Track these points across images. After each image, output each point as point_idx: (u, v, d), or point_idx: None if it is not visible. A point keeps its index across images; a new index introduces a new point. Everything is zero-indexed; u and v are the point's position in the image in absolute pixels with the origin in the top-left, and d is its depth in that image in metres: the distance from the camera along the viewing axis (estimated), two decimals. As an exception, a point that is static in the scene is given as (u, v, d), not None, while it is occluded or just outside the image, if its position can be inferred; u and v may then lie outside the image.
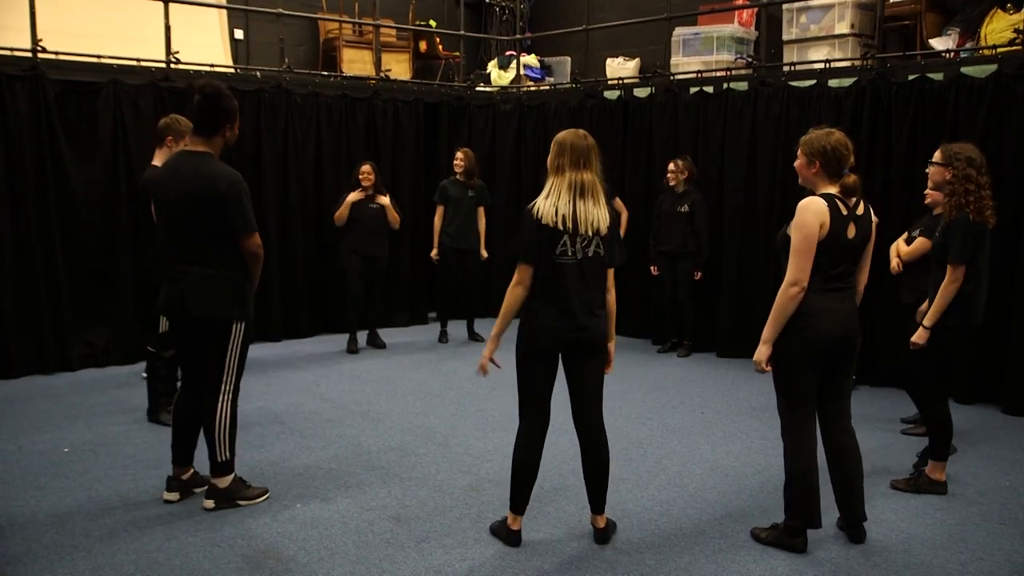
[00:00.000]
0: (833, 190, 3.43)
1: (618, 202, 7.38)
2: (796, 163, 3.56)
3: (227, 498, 3.91)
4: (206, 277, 3.72)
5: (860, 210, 3.46)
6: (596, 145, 3.45)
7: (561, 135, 3.45)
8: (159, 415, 5.11)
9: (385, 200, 7.16)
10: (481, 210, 7.61)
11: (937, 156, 4.24)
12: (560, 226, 3.33)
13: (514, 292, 3.42)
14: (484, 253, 7.63)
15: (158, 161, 4.98)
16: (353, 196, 7.04)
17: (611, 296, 3.52)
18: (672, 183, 7.07)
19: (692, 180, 7.05)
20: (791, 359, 3.44)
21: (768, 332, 3.45)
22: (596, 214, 3.37)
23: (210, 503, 3.89)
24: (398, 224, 7.28)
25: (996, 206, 4.12)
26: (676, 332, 7.37)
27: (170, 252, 3.80)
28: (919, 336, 4.10)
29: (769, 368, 3.50)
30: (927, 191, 4.86)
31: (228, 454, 3.89)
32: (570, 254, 3.36)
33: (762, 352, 3.48)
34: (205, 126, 3.79)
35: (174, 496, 4.00)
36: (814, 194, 3.44)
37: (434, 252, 7.61)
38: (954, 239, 4.00)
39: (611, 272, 3.50)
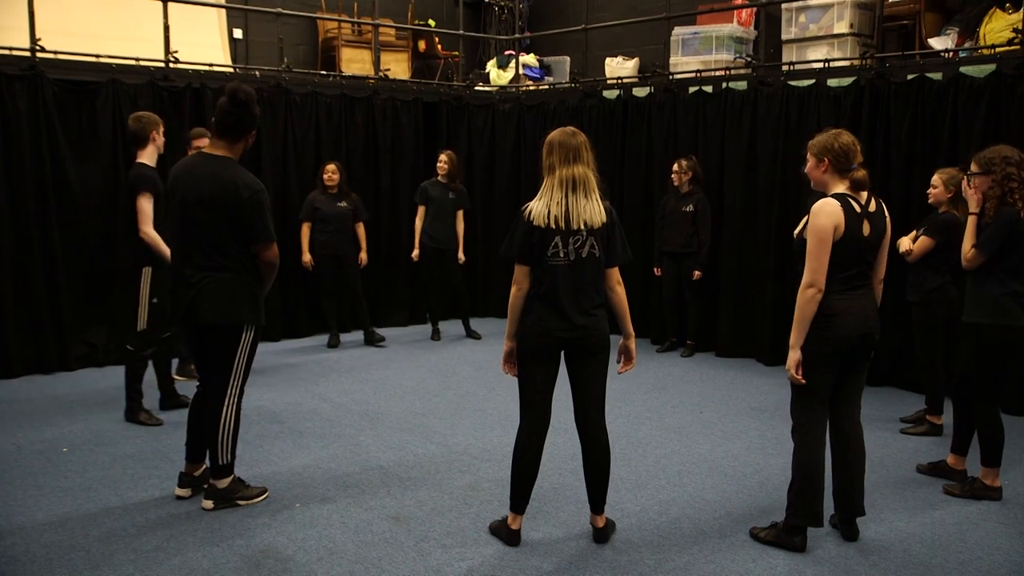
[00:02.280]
0: (844, 187, 3.45)
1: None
2: (807, 167, 3.57)
3: (226, 498, 3.90)
4: (218, 281, 3.70)
5: (873, 207, 3.48)
6: (588, 141, 3.43)
7: (550, 135, 3.44)
8: (137, 415, 5.10)
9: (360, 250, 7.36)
10: (460, 214, 7.60)
11: (974, 167, 4.13)
12: (552, 226, 3.32)
13: (512, 292, 3.44)
14: (462, 257, 7.63)
15: (146, 159, 4.96)
16: (306, 258, 7.16)
17: (619, 293, 3.50)
18: (676, 183, 7.07)
19: (697, 180, 7.05)
20: (812, 358, 3.44)
21: (795, 337, 3.44)
22: (589, 208, 3.35)
23: (209, 503, 3.89)
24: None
25: None
26: (677, 331, 7.37)
27: (180, 254, 3.78)
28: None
29: (801, 377, 3.46)
30: (929, 191, 4.89)
31: (229, 457, 3.89)
32: (562, 255, 3.35)
33: (792, 359, 3.46)
34: (230, 131, 3.73)
35: (186, 492, 4.01)
36: (826, 195, 3.45)
37: (415, 252, 7.56)
38: (991, 230, 3.96)
39: (615, 269, 3.49)
